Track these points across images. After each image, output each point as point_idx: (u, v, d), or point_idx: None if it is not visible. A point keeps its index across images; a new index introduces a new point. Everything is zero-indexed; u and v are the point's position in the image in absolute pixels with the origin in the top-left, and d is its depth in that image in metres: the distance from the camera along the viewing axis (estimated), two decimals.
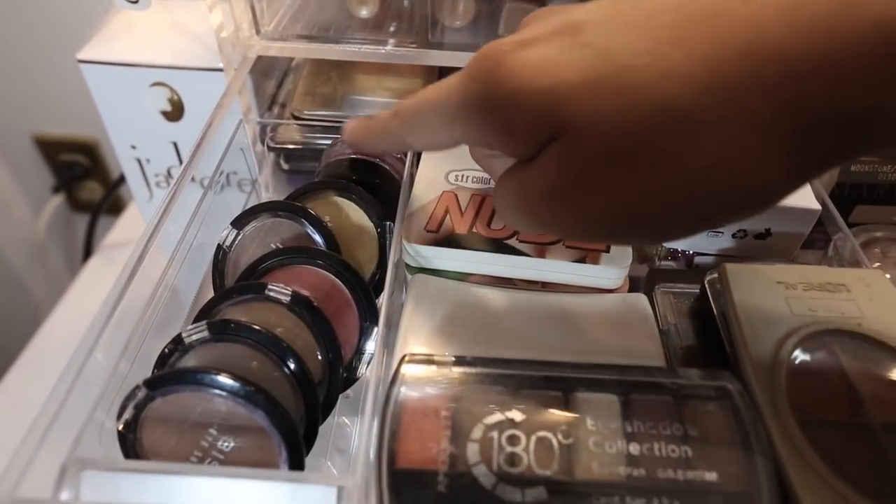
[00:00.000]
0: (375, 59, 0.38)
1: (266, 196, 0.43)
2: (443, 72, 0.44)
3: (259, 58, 0.40)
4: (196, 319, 0.27)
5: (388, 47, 0.37)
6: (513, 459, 0.21)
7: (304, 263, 0.29)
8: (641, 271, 0.34)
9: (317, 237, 0.31)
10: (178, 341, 0.25)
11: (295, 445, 0.24)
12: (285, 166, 0.41)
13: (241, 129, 0.38)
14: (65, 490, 0.20)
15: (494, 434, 0.22)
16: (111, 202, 0.81)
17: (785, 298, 0.25)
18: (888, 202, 0.36)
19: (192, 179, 0.42)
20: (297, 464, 0.24)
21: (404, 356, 0.24)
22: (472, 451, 0.21)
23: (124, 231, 0.67)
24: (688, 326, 0.28)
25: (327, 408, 0.27)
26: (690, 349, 0.28)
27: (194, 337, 0.25)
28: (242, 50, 0.38)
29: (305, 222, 0.31)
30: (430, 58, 0.38)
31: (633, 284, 0.31)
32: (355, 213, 0.32)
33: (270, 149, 0.40)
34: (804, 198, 0.32)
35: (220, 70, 0.39)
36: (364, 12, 0.37)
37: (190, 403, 0.23)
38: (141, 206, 0.50)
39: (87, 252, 0.77)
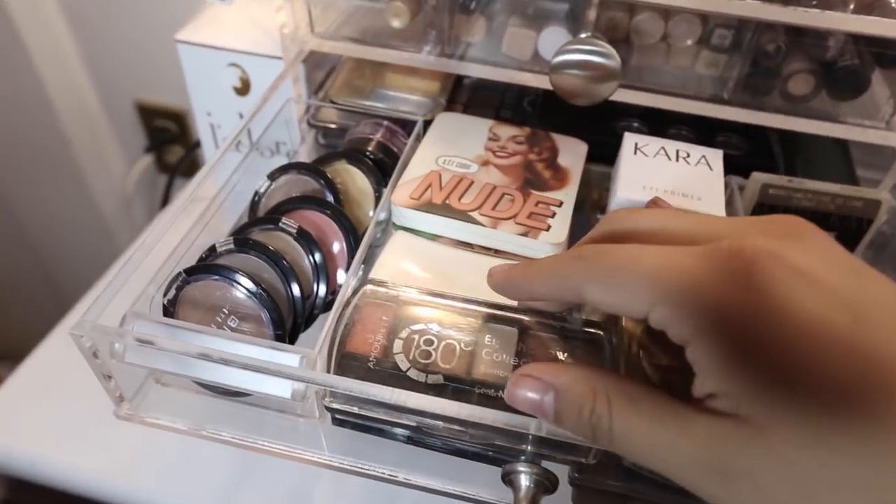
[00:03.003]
0: (404, 62, 0.47)
1: None
2: (458, 77, 0.52)
3: (312, 52, 0.50)
4: (235, 239, 0.37)
5: (415, 54, 0.46)
6: (425, 354, 0.29)
7: (313, 209, 0.38)
8: None
9: (328, 193, 0.40)
10: (212, 249, 0.35)
11: (281, 337, 0.33)
12: (322, 141, 0.50)
13: (289, 108, 0.48)
14: (125, 326, 0.30)
15: (416, 336, 0.30)
16: (189, 164, 0.94)
17: None
18: None
19: (251, 144, 0.52)
20: None
21: (368, 279, 0.33)
22: (398, 345, 0.30)
23: (203, 191, 0.79)
24: None
25: (312, 317, 0.36)
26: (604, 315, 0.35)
27: (223, 248, 0.35)
28: (299, 44, 0.48)
29: (321, 180, 0.40)
30: (448, 66, 0.47)
31: None
32: (361, 179, 0.41)
33: (311, 126, 0.50)
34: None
35: (280, 58, 0.49)
36: (397, 23, 0.46)
37: (211, 290, 0.33)
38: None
39: (165, 205, 0.89)
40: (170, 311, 0.33)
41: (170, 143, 0.99)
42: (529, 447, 0.29)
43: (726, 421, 0.19)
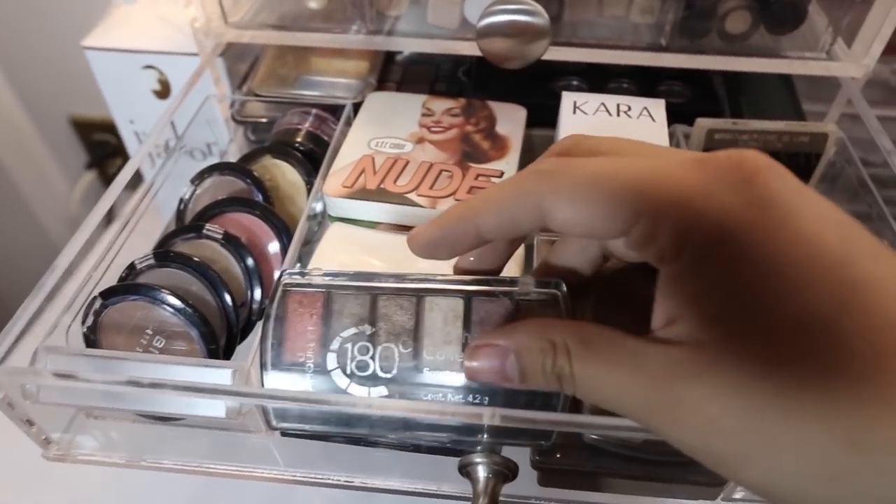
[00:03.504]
0: (326, 45, 0.44)
1: None
2: (388, 53, 0.50)
3: (230, 44, 0.47)
4: (155, 252, 0.34)
5: (337, 35, 0.44)
6: (363, 366, 0.26)
7: (241, 211, 0.36)
8: None
9: (256, 192, 0.38)
10: (131, 267, 0.33)
11: (215, 352, 0.31)
12: (252, 137, 0.48)
13: (211, 105, 0.45)
14: (36, 364, 0.28)
15: (349, 346, 0.26)
16: (135, 176, 0.90)
17: None
18: None
19: (183, 149, 0.49)
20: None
21: (283, 270, 0.28)
22: (331, 359, 0.26)
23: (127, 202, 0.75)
24: None
25: (249, 326, 0.34)
26: None
27: (143, 264, 0.32)
28: (213, 38, 0.45)
29: (248, 179, 0.38)
30: (373, 43, 0.44)
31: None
32: (291, 173, 0.39)
33: (238, 122, 0.47)
34: None
35: (197, 55, 0.46)
36: (314, 4, 0.44)
37: (132, 311, 0.30)
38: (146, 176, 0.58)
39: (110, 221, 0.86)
40: (91, 339, 0.31)
41: (111, 156, 0.95)
42: (485, 436, 0.28)
43: (682, 348, 0.18)
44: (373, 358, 0.26)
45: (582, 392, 0.20)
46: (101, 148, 0.95)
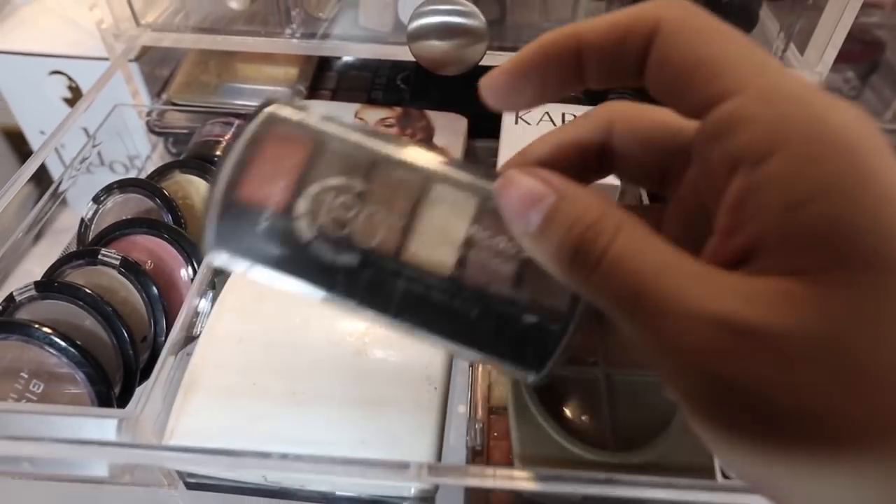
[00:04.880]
0: (248, 49, 0.40)
1: None
2: (322, 60, 0.46)
3: (147, 48, 0.43)
4: (37, 283, 0.30)
5: (265, 38, 0.40)
6: (339, 223, 0.20)
7: (146, 234, 0.32)
8: None
9: (165, 212, 0.34)
10: (10, 299, 0.28)
11: (105, 395, 0.27)
12: (173, 149, 0.44)
13: (121, 114, 0.41)
14: None
15: (331, 195, 0.20)
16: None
17: None
18: None
19: (102, 163, 0.45)
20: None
21: (270, 101, 0.21)
22: (303, 204, 0.20)
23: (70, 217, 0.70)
24: None
25: (153, 361, 0.30)
26: None
27: (23, 296, 0.28)
28: (124, 41, 0.41)
29: (156, 198, 0.34)
30: (297, 47, 0.41)
31: None
32: (205, 189, 0.35)
33: (157, 133, 0.43)
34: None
35: (108, 59, 0.42)
36: (235, 5, 0.40)
37: (4, 351, 0.26)
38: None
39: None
40: None
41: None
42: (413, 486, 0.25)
43: (770, 279, 0.13)
44: (355, 217, 0.20)
45: (602, 274, 0.15)
46: None
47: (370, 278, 0.19)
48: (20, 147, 0.90)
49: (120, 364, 0.28)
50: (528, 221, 0.16)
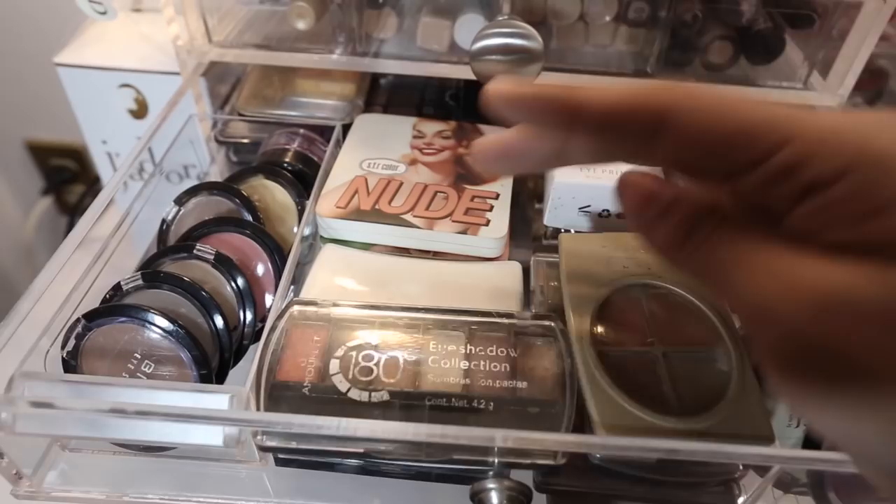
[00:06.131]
0: (313, 66, 0.44)
1: None
2: (374, 77, 0.50)
3: (214, 64, 0.46)
4: (143, 273, 0.33)
5: (325, 55, 0.43)
6: (366, 371, 0.26)
7: (231, 231, 0.35)
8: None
9: (245, 212, 0.36)
10: (117, 287, 0.31)
11: (207, 377, 0.29)
12: (234, 158, 0.47)
13: (193, 125, 0.44)
14: (12, 392, 0.26)
15: (354, 353, 0.27)
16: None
17: (606, 259, 0.31)
18: None
19: (161, 173, 0.48)
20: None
21: (293, 299, 0.29)
22: (334, 365, 0.27)
23: (102, 226, 0.72)
24: (549, 287, 0.34)
25: (242, 349, 0.32)
26: (550, 306, 0.33)
27: (130, 285, 0.31)
28: (197, 56, 0.44)
29: (236, 199, 0.36)
30: (361, 65, 0.44)
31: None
32: (281, 194, 0.38)
33: (220, 143, 0.46)
34: None
35: (178, 74, 0.45)
36: (302, 25, 0.43)
37: (119, 334, 0.29)
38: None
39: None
40: (71, 364, 0.29)
41: (69, 182, 0.91)
42: (496, 459, 0.27)
43: (855, 264, 0.15)
44: (377, 365, 0.26)
45: (713, 253, 0.18)
46: (59, 173, 0.91)
47: (401, 407, 0.26)
48: (43, 161, 0.92)
49: (216, 349, 0.31)
50: (646, 213, 0.19)
